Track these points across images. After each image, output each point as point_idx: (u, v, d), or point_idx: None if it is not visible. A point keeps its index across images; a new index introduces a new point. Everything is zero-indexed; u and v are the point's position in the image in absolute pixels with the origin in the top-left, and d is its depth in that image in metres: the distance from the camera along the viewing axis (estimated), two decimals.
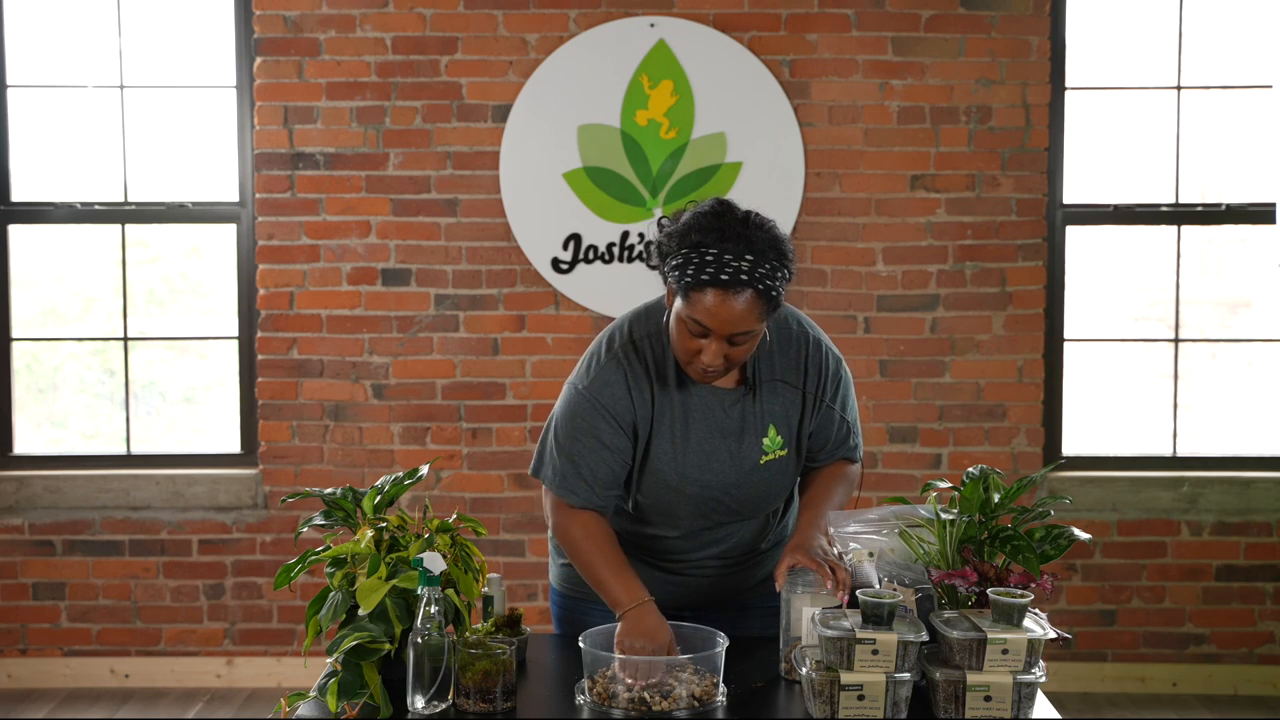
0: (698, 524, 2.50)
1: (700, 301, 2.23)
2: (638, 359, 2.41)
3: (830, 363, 2.49)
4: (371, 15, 4.54)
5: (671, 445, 2.42)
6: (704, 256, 2.23)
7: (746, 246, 2.23)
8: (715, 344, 2.26)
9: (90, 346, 5.08)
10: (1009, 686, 2.09)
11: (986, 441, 4.60)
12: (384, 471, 4.59)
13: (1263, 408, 4.92)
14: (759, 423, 2.44)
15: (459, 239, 4.59)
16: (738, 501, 2.48)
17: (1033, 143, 4.54)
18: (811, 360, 2.47)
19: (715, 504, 2.47)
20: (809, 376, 2.46)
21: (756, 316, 2.24)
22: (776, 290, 2.26)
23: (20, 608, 4.68)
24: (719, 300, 2.22)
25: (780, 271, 2.26)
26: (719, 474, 2.43)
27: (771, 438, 2.44)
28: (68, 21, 4.76)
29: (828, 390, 2.48)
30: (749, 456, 2.43)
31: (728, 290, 2.21)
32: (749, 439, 2.43)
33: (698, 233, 2.25)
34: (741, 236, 2.24)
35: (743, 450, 2.43)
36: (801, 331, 2.49)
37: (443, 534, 2.35)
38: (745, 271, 2.22)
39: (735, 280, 2.21)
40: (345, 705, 2.15)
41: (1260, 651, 4.65)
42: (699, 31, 4.50)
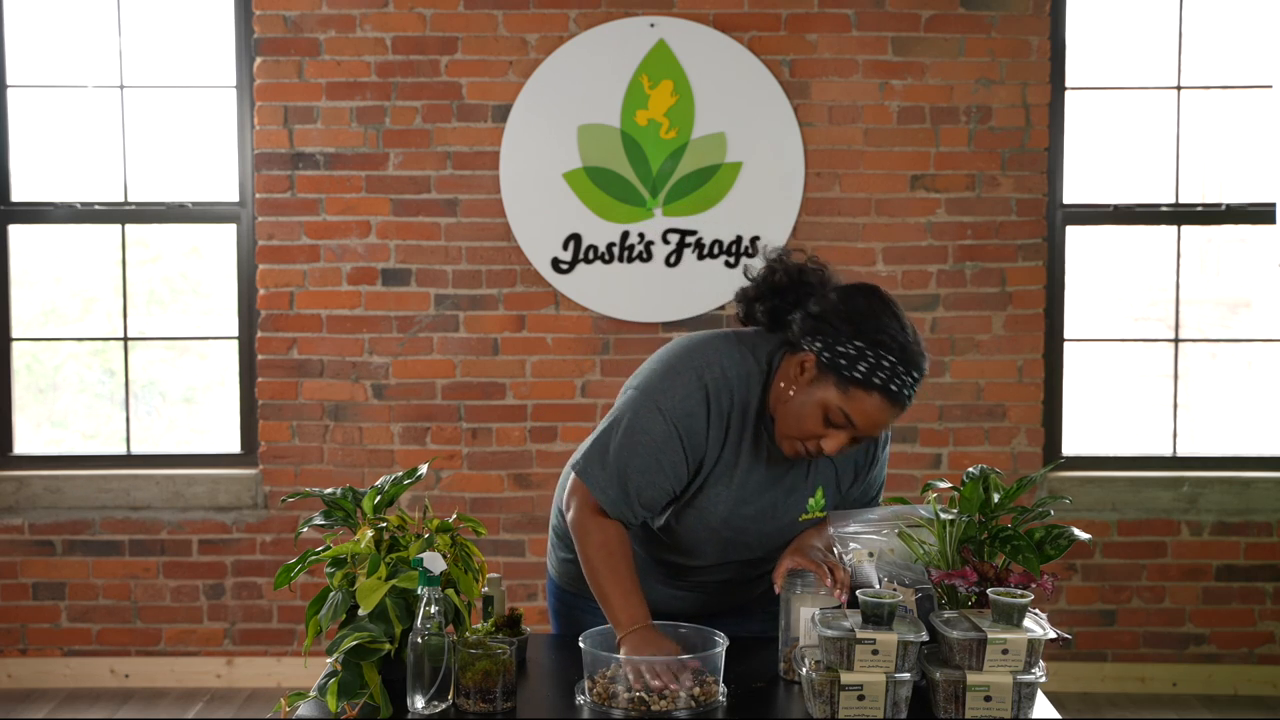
0: (716, 559, 2.49)
1: (862, 401, 2.21)
2: (727, 398, 2.33)
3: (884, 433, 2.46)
4: (371, 15, 4.54)
5: (728, 490, 2.37)
6: (883, 360, 2.21)
7: (918, 367, 2.24)
8: (845, 438, 2.26)
9: (90, 346, 5.08)
10: (1009, 686, 2.09)
11: (986, 441, 4.60)
12: (384, 471, 4.59)
13: (1263, 408, 4.92)
14: (812, 485, 2.43)
15: (459, 239, 4.59)
16: (764, 549, 2.46)
17: (1033, 143, 4.54)
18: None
19: (743, 546, 2.46)
20: (865, 447, 2.45)
21: (890, 421, 2.27)
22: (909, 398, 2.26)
23: (20, 608, 4.68)
24: (881, 408, 2.22)
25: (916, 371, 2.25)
26: (761, 524, 2.42)
27: (817, 499, 2.44)
28: (68, 21, 4.76)
29: (878, 458, 2.50)
30: (792, 513, 2.43)
31: (893, 404, 2.22)
32: (797, 498, 2.42)
33: (884, 334, 2.23)
34: (917, 354, 2.24)
35: (788, 506, 2.43)
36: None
37: (443, 534, 2.35)
38: (909, 390, 2.23)
39: (901, 396, 2.22)
40: (345, 705, 2.14)
41: (1260, 651, 4.65)
42: (699, 31, 4.50)
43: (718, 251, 4.54)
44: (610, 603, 2.31)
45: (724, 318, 4.57)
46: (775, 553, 2.44)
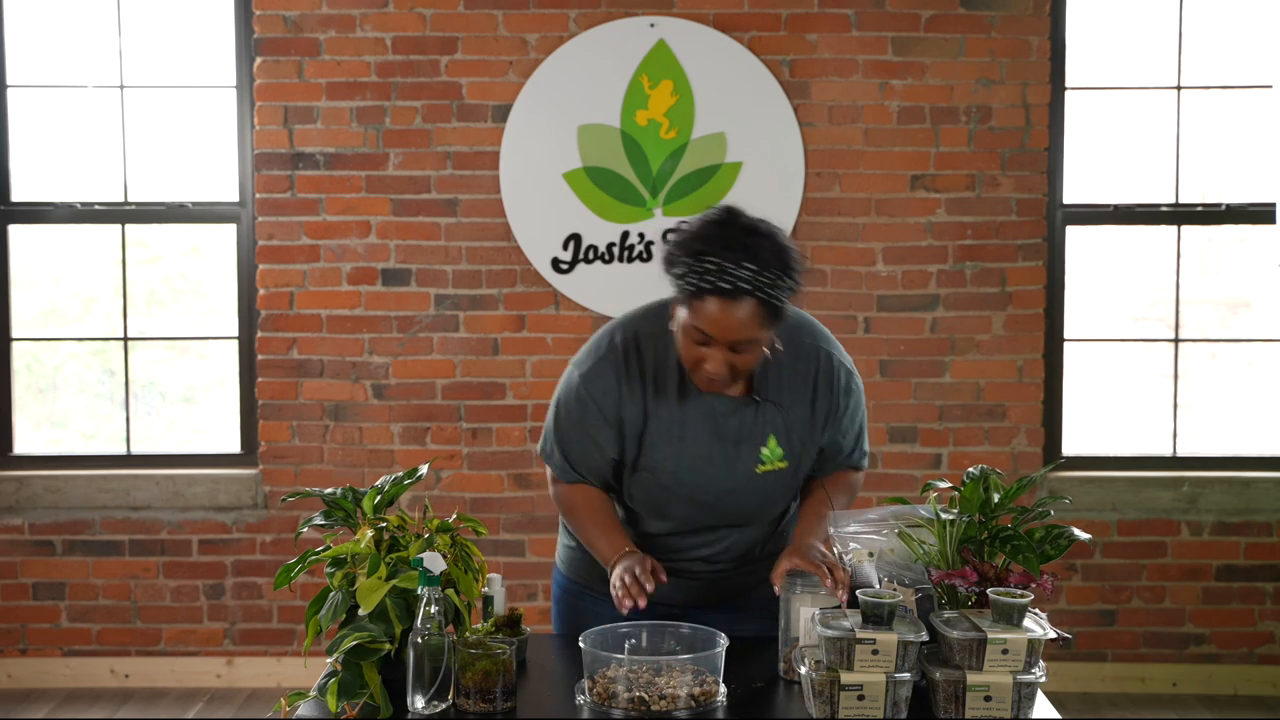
0: (689, 525, 2.51)
1: (702, 310, 2.25)
2: (636, 358, 2.43)
3: (842, 378, 2.49)
4: (371, 15, 4.54)
5: (668, 446, 2.43)
6: (705, 264, 2.24)
7: (749, 255, 2.24)
8: (719, 352, 2.28)
9: (90, 346, 5.08)
10: (1009, 686, 2.09)
11: (986, 441, 4.60)
12: (384, 471, 4.59)
13: (1263, 408, 4.92)
14: (759, 433, 2.44)
15: (459, 239, 4.59)
16: (731, 508, 2.49)
17: (1033, 143, 4.54)
18: (823, 376, 2.47)
19: (708, 509, 2.48)
20: (819, 393, 2.47)
21: (758, 325, 2.26)
22: (779, 300, 2.27)
23: (20, 608, 4.68)
24: (720, 309, 2.24)
25: (784, 280, 2.27)
26: (713, 479, 2.45)
27: (771, 449, 2.45)
28: (68, 21, 4.76)
29: (840, 405, 2.49)
30: (745, 465, 2.45)
31: (729, 299, 2.23)
32: (747, 448, 2.44)
33: (701, 241, 2.28)
34: (745, 245, 2.25)
35: (740, 458, 2.44)
36: (815, 347, 2.48)
37: (443, 534, 2.35)
38: (747, 280, 2.23)
39: (736, 289, 2.22)
40: (345, 705, 2.15)
41: (1260, 651, 4.65)
42: (699, 31, 4.50)
43: None
44: (596, 546, 2.47)
45: None
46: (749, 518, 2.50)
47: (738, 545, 2.56)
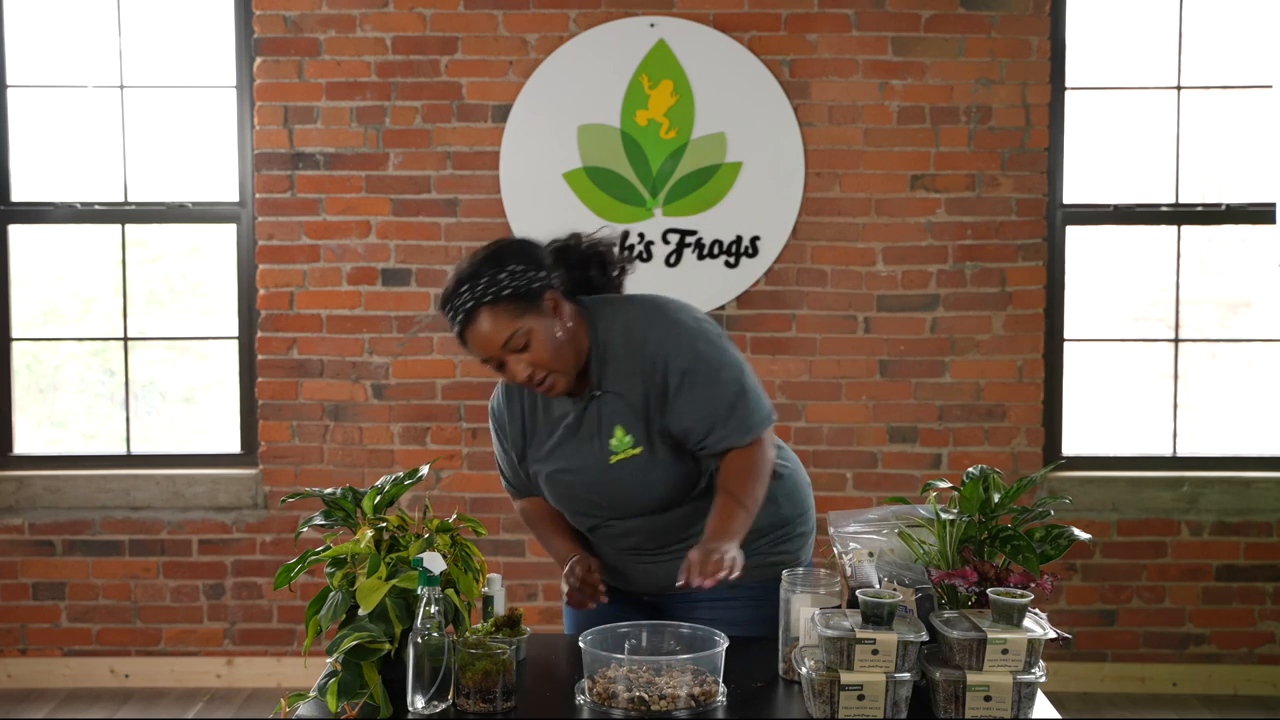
0: (597, 520, 2.62)
1: (469, 347, 2.47)
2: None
3: (673, 358, 2.48)
4: (371, 15, 4.54)
5: (541, 453, 2.60)
6: (447, 315, 2.47)
7: (458, 280, 2.44)
8: (510, 363, 2.45)
9: (90, 346, 5.08)
10: (1009, 686, 2.09)
11: (986, 441, 4.60)
12: (384, 471, 4.59)
13: (1263, 408, 4.92)
14: (604, 425, 2.52)
15: (459, 239, 4.59)
16: (615, 500, 2.56)
17: (1033, 143, 4.54)
18: (646, 363, 2.49)
19: (588, 502, 2.59)
20: (644, 380, 2.49)
21: (507, 322, 2.41)
22: (506, 290, 2.41)
23: (20, 608, 4.68)
24: (471, 336, 2.44)
25: (500, 275, 2.41)
26: (579, 474, 2.56)
27: (619, 438, 2.51)
28: (68, 21, 4.76)
29: (667, 387, 2.48)
30: (600, 458, 2.53)
31: (468, 324, 2.43)
32: (598, 441, 2.53)
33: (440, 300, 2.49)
34: (456, 277, 2.45)
35: (594, 452, 2.53)
36: (645, 332, 2.51)
37: (443, 534, 2.35)
38: (465, 299, 2.42)
39: (464, 312, 2.42)
40: (345, 705, 2.15)
41: (1260, 651, 4.65)
42: (699, 31, 4.50)
43: (718, 251, 4.54)
44: (552, 552, 2.70)
45: (724, 317, 4.57)
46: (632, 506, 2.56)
47: (657, 531, 2.58)
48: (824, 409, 4.60)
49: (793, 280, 4.58)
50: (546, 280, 2.47)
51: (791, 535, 2.68)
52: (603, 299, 2.61)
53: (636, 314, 2.55)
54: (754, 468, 2.51)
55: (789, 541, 2.67)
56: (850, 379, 4.60)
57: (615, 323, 2.53)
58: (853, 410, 4.60)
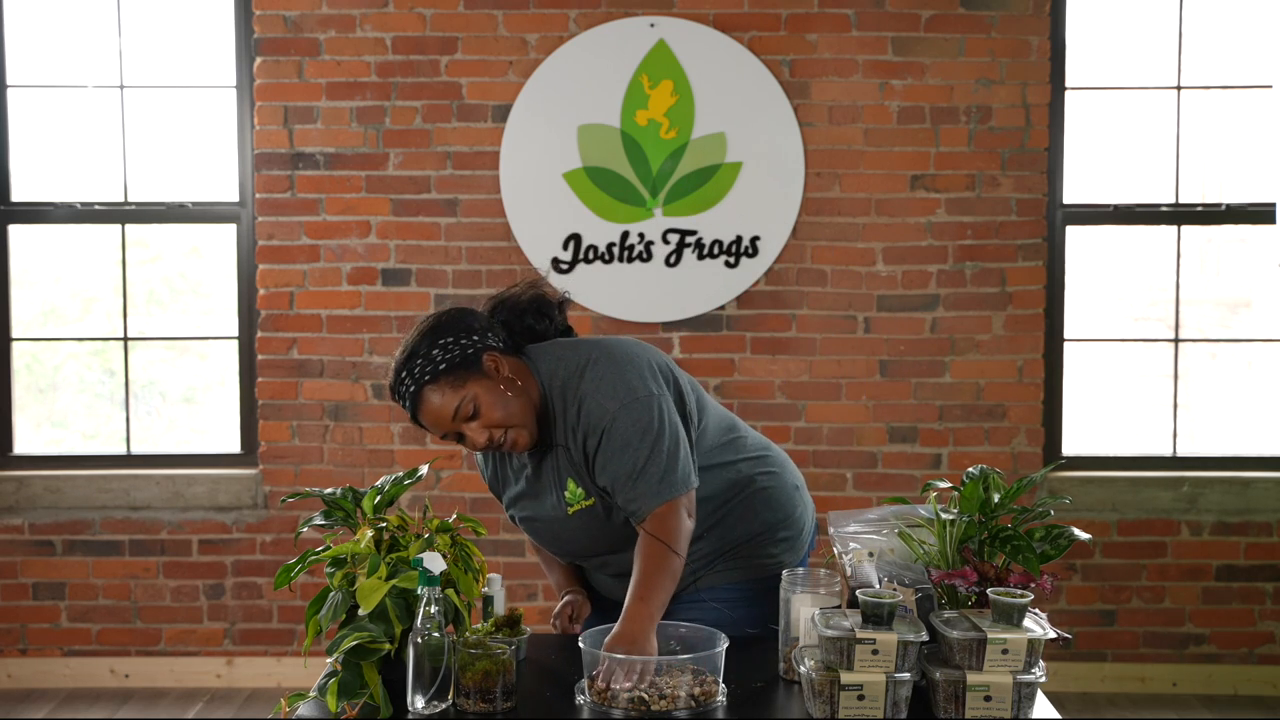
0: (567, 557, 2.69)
1: (426, 426, 2.48)
2: None
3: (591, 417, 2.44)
4: (371, 15, 4.54)
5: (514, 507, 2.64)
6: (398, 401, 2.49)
7: (396, 372, 2.47)
8: (467, 433, 2.46)
9: (90, 346, 5.08)
10: (1009, 686, 2.09)
11: (986, 441, 4.60)
12: (384, 471, 4.59)
13: (1263, 408, 4.92)
14: (557, 479, 2.53)
15: (459, 239, 4.59)
16: (571, 544, 2.60)
17: (1033, 143, 4.54)
18: (578, 414, 2.47)
19: (557, 545, 2.64)
20: (580, 434, 2.47)
21: (451, 394, 2.43)
22: (442, 364, 2.43)
23: (20, 608, 4.68)
24: (425, 416, 2.46)
25: (433, 351, 2.44)
26: (543, 521, 2.59)
27: (572, 490, 2.52)
28: (68, 21, 4.76)
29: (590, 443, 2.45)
30: (559, 508, 2.54)
31: (418, 406, 2.45)
32: (555, 492, 2.54)
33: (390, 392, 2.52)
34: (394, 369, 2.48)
35: (552, 503, 2.55)
36: (578, 387, 2.47)
37: (443, 534, 2.35)
38: (406, 385, 2.44)
39: (408, 396, 2.45)
40: (345, 705, 2.14)
41: (1260, 651, 4.65)
42: (699, 31, 4.50)
43: (718, 251, 4.54)
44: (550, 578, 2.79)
45: (724, 317, 4.57)
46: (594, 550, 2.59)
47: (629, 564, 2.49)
48: (824, 409, 4.60)
49: (793, 280, 4.58)
50: (481, 343, 2.48)
51: (774, 540, 2.65)
52: (550, 347, 2.56)
53: (576, 367, 2.50)
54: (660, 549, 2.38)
55: (772, 545, 2.65)
56: (850, 379, 4.60)
57: (556, 376, 2.50)
58: (853, 410, 4.60)
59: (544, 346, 2.58)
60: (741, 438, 2.68)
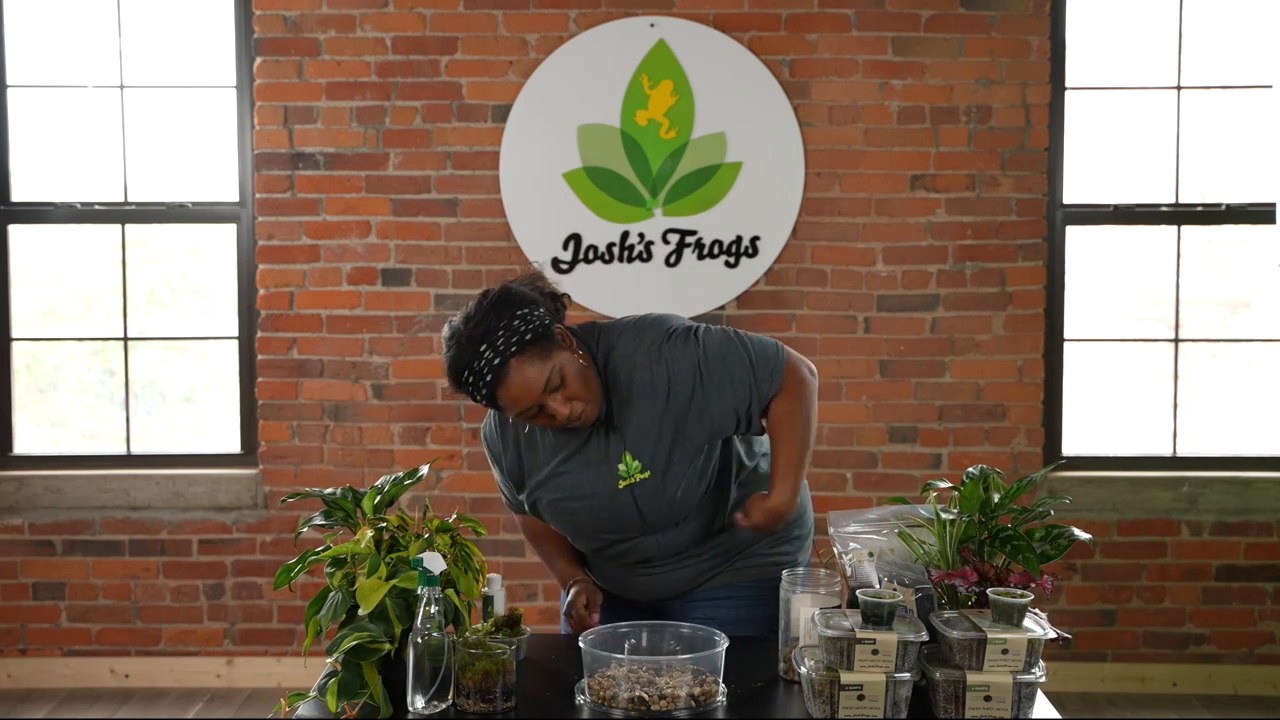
0: (595, 543, 2.62)
1: (505, 404, 2.39)
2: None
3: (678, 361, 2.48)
4: (371, 15, 4.54)
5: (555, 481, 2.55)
6: (467, 383, 2.38)
7: (475, 344, 2.36)
8: (550, 404, 2.39)
9: (90, 346, 5.08)
10: (1009, 686, 2.09)
11: (986, 441, 4.60)
12: (384, 471, 4.59)
13: (1263, 408, 4.92)
14: (611, 453, 2.50)
15: (459, 239, 4.59)
16: (615, 523, 2.55)
17: (1033, 143, 4.54)
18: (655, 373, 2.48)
19: (593, 527, 2.57)
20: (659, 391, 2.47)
21: (539, 364, 2.36)
22: (527, 335, 2.35)
23: (20, 608, 4.68)
24: (506, 394, 2.36)
25: (514, 323, 2.36)
26: (583, 500, 2.53)
27: (628, 464, 2.49)
28: (68, 21, 4.76)
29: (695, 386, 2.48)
30: (608, 483, 2.51)
31: (501, 384, 2.35)
32: (603, 468, 2.51)
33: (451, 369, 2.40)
34: (468, 341, 2.36)
35: (600, 477, 2.51)
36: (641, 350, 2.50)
37: (443, 534, 2.35)
38: (489, 359, 2.34)
39: (491, 371, 2.34)
40: (345, 705, 2.15)
41: (1260, 651, 4.65)
42: (699, 31, 4.50)
43: (718, 251, 4.54)
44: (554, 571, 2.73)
45: (724, 317, 4.57)
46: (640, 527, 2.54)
47: (667, 546, 2.58)
48: (824, 409, 4.60)
49: (793, 280, 4.58)
50: (549, 315, 2.43)
51: (789, 537, 2.68)
52: (588, 327, 2.58)
53: (626, 336, 2.53)
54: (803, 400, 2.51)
55: (787, 543, 2.68)
56: (850, 379, 4.60)
57: (613, 348, 2.51)
58: (853, 410, 4.60)
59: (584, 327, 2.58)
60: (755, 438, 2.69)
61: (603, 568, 2.68)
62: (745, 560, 2.61)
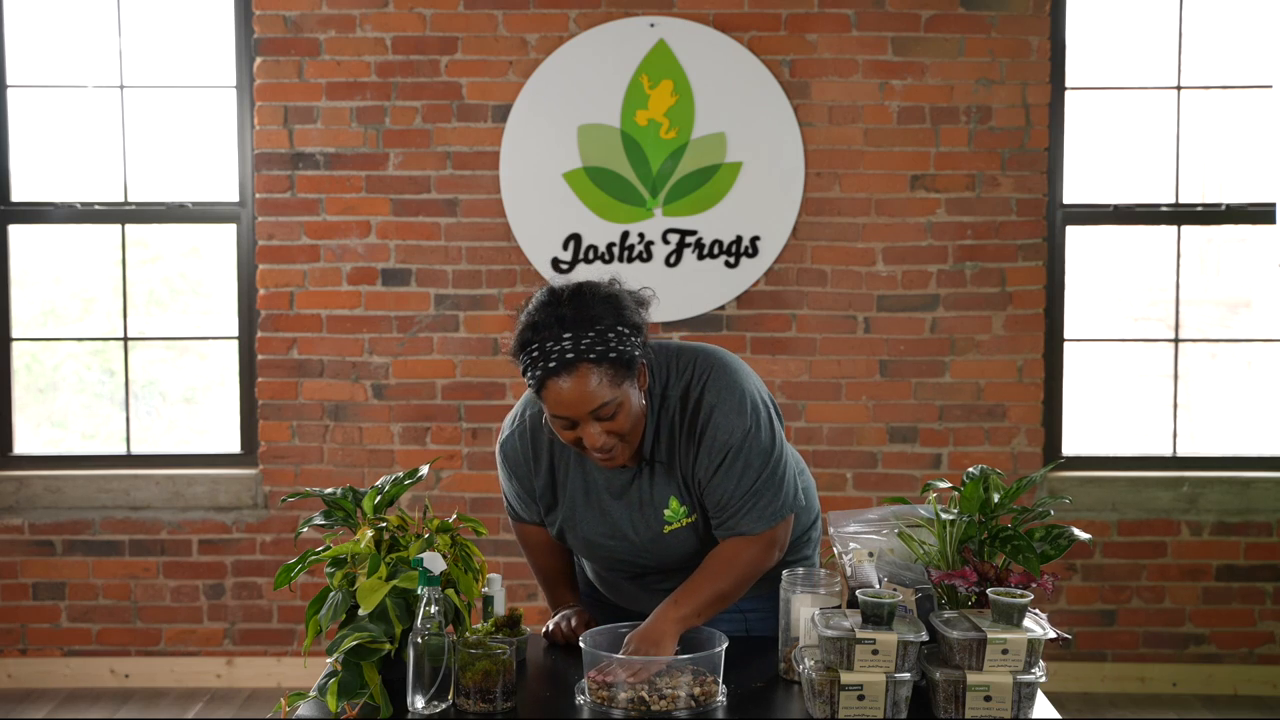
0: (628, 571, 2.52)
1: (548, 396, 2.23)
2: (544, 432, 2.43)
3: (720, 432, 2.32)
4: (371, 15, 4.54)
5: (576, 516, 2.45)
6: (531, 354, 2.22)
7: (564, 325, 2.20)
8: (587, 426, 2.25)
9: (90, 346, 5.08)
10: (1009, 686, 2.09)
11: (986, 441, 4.60)
12: (384, 471, 4.59)
13: (1263, 408, 4.92)
14: (660, 496, 2.40)
15: (459, 239, 4.59)
16: (654, 561, 2.47)
17: (1033, 143, 4.54)
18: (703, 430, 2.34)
19: (630, 563, 2.49)
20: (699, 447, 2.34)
21: (607, 386, 2.21)
22: (612, 353, 2.21)
23: (20, 608, 4.68)
24: (560, 389, 2.21)
25: (611, 333, 2.22)
26: (624, 539, 2.44)
27: (674, 509, 2.40)
28: (68, 21, 4.76)
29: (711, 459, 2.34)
30: (652, 526, 2.42)
31: (560, 376, 2.20)
32: (650, 510, 2.41)
33: (524, 333, 2.25)
34: (559, 318, 2.21)
35: (645, 522, 2.42)
36: (704, 398, 2.35)
37: (443, 534, 2.35)
38: (569, 352, 2.19)
39: (563, 363, 2.19)
40: (345, 705, 2.15)
41: (1260, 651, 4.65)
42: (699, 31, 4.50)
43: (718, 251, 4.54)
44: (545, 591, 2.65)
45: (724, 317, 4.57)
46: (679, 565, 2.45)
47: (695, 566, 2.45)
48: (824, 409, 4.60)
49: (793, 280, 4.58)
50: (642, 346, 2.28)
51: (809, 540, 2.65)
52: (655, 349, 2.39)
53: (697, 373, 2.36)
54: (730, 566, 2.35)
55: (806, 547, 2.65)
56: (850, 379, 4.60)
57: (673, 381, 2.36)
58: (853, 410, 4.60)
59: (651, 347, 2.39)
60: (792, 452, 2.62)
61: (616, 583, 2.61)
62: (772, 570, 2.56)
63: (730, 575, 2.35)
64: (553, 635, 2.53)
